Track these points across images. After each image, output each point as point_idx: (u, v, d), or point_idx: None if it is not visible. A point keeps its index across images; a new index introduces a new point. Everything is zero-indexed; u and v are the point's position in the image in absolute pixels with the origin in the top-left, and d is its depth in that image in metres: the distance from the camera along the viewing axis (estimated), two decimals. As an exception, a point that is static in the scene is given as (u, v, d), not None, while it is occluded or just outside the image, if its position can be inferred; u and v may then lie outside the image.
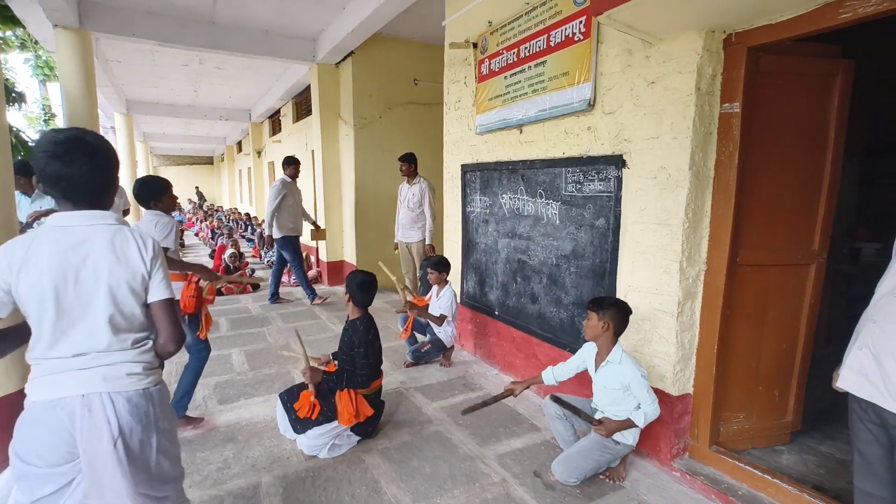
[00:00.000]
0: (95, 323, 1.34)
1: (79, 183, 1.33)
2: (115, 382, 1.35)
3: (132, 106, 11.07)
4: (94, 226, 1.36)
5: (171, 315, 1.46)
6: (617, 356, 2.38)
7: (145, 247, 1.41)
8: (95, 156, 1.35)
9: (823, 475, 2.47)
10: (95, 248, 1.34)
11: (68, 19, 5.16)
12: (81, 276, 1.32)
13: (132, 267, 1.38)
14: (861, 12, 1.80)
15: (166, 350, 1.47)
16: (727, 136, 2.33)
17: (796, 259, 2.55)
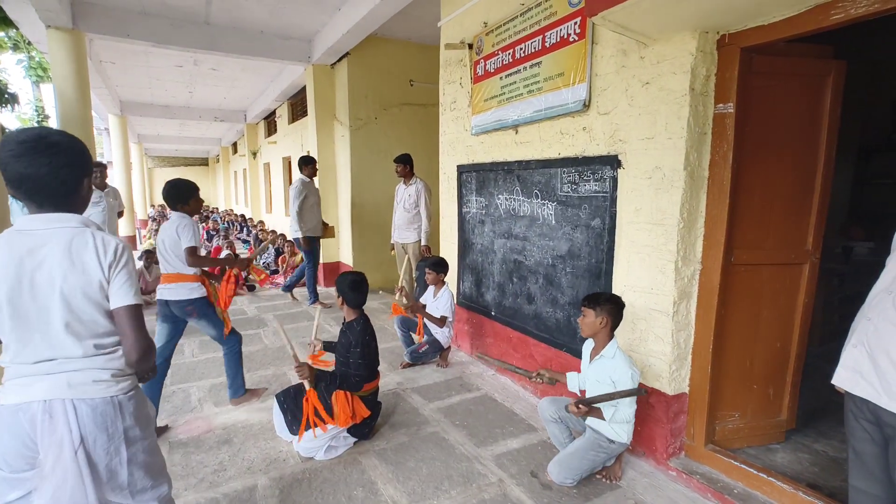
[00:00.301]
0: (54, 330, 1.29)
1: (42, 183, 1.28)
2: (79, 389, 1.30)
3: (126, 107, 11.03)
4: (54, 229, 1.30)
5: (133, 322, 1.35)
6: (611, 351, 2.39)
7: (105, 251, 1.32)
8: (59, 155, 1.29)
9: (818, 473, 2.49)
10: (51, 254, 1.28)
11: (61, 20, 5.14)
12: (36, 283, 1.27)
13: (88, 273, 1.30)
14: (853, 13, 1.81)
15: (129, 359, 1.36)
16: (721, 136, 2.35)
17: (790, 258, 2.56)
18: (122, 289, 1.35)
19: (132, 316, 1.36)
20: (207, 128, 14.67)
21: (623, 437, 2.40)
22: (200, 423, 3.07)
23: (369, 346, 2.78)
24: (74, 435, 1.28)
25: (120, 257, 1.35)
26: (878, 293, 1.62)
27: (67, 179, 1.32)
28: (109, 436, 1.34)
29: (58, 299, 1.28)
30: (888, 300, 1.55)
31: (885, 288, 1.59)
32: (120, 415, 1.36)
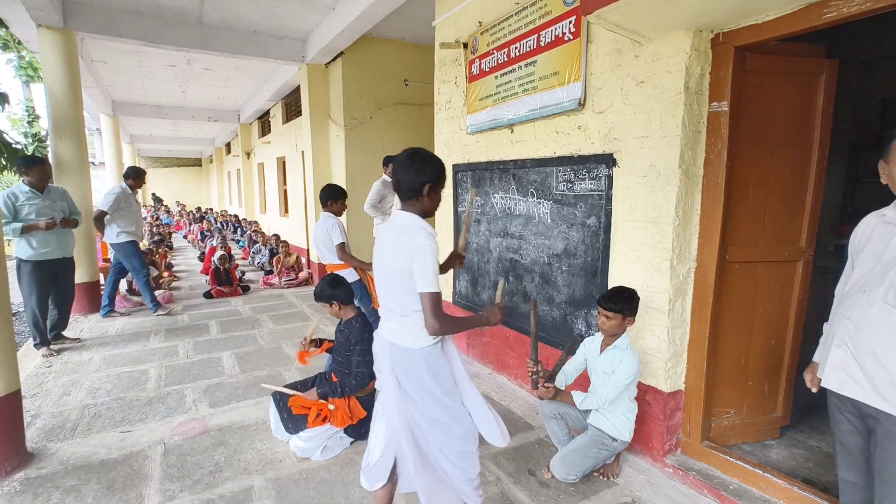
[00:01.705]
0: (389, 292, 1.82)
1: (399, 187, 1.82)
2: (394, 335, 1.83)
3: (118, 107, 10.93)
4: (403, 224, 1.77)
5: (430, 305, 1.73)
6: (625, 343, 2.38)
7: (411, 244, 1.70)
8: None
9: (812, 468, 2.51)
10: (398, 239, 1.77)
11: (52, 19, 5.08)
12: (391, 256, 1.78)
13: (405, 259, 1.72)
14: (845, 12, 1.83)
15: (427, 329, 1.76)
16: (716, 134, 2.36)
17: (784, 256, 2.58)
18: (426, 279, 1.67)
19: (430, 300, 1.67)
20: (201, 128, 14.57)
21: (625, 435, 2.41)
22: (195, 424, 3.05)
23: (370, 343, 2.74)
24: (391, 363, 1.80)
25: (418, 251, 1.66)
26: (852, 292, 1.63)
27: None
28: (407, 372, 1.78)
29: (385, 270, 1.78)
30: (864, 299, 1.56)
31: (859, 287, 1.60)
32: (415, 362, 1.77)
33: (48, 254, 4.15)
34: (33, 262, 4.08)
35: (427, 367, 1.77)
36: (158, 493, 2.37)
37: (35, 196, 4.08)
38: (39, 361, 4.18)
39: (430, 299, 1.66)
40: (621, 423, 2.40)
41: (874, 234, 1.63)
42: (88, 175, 5.64)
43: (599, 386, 2.38)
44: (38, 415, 3.19)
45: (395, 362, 1.79)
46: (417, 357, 1.76)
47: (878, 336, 1.50)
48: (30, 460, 2.63)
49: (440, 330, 1.69)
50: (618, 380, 2.31)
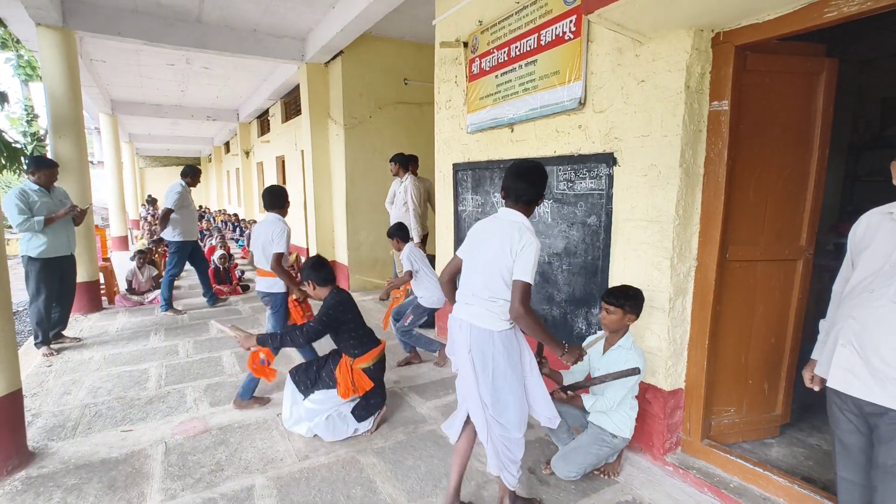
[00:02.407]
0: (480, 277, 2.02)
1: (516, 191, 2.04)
2: (478, 318, 2.01)
3: (117, 106, 10.91)
4: (508, 220, 2.01)
5: (518, 293, 1.93)
6: (629, 342, 2.39)
7: (520, 240, 1.92)
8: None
9: (812, 466, 2.51)
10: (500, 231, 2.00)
11: (51, 18, 5.07)
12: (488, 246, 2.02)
13: (505, 251, 1.95)
14: (846, 11, 1.83)
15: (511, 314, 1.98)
16: (716, 133, 2.36)
17: (784, 254, 2.59)
18: (524, 269, 1.89)
19: (522, 287, 1.88)
20: (200, 127, 14.55)
21: (626, 432, 2.41)
22: (196, 423, 3.06)
23: (335, 310, 2.79)
24: (469, 344, 1.99)
25: (526, 245, 1.90)
26: (855, 291, 1.62)
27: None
28: (483, 352, 1.97)
29: (484, 262, 1.98)
30: (869, 298, 1.55)
31: (864, 286, 1.59)
32: (491, 342, 1.96)
33: (59, 250, 4.22)
34: (43, 260, 4.11)
35: (503, 348, 1.97)
36: (160, 491, 2.37)
37: (44, 195, 4.17)
38: (40, 361, 4.18)
39: (523, 287, 1.88)
40: (622, 420, 2.41)
41: (879, 231, 1.60)
42: (88, 174, 5.63)
43: (605, 387, 2.39)
44: (39, 414, 3.19)
45: (473, 343, 1.98)
46: (496, 338, 1.97)
47: (886, 335, 1.49)
48: (31, 459, 2.63)
49: (523, 316, 1.89)
50: (624, 380, 2.31)
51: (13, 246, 12.87)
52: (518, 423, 2.03)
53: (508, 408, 2.01)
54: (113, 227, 11.91)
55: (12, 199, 3.97)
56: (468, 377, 2.01)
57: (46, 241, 4.09)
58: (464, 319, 2.02)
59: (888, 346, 1.48)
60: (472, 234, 2.11)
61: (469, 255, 2.08)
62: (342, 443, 2.82)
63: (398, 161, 5.22)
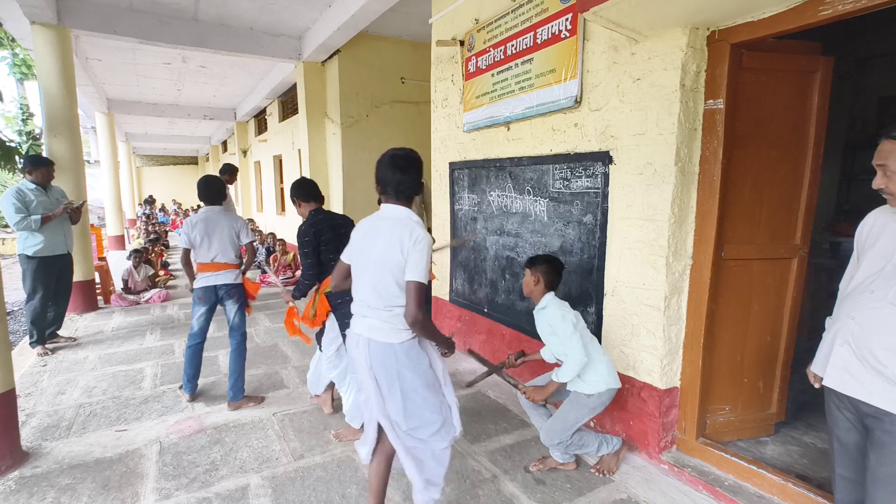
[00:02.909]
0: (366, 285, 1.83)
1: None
2: (374, 332, 1.82)
3: (113, 105, 10.87)
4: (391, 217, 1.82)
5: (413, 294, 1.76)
6: (545, 302, 2.39)
7: (410, 238, 1.74)
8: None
9: (807, 465, 2.52)
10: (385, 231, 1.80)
11: (46, 16, 5.05)
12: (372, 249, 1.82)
13: (394, 250, 1.75)
14: (841, 9, 1.83)
15: (407, 320, 1.78)
16: (711, 132, 2.36)
17: (779, 253, 2.59)
18: (417, 269, 1.72)
19: (417, 288, 1.73)
20: (196, 126, 14.51)
21: (600, 387, 2.32)
22: (191, 423, 3.05)
23: (303, 241, 2.83)
24: (369, 361, 1.80)
25: (417, 242, 1.73)
26: (856, 291, 1.61)
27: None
28: (386, 369, 1.78)
29: (371, 267, 1.78)
30: (868, 298, 1.54)
31: (864, 286, 1.58)
32: (394, 357, 1.78)
33: (56, 248, 4.22)
34: (39, 259, 4.11)
35: (408, 361, 1.79)
36: (154, 491, 2.36)
37: (41, 193, 4.17)
38: (34, 360, 4.16)
39: (417, 288, 1.72)
40: (591, 376, 2.34)
41: (885, 231, 1.58)
42: (83, 173, 5.61)
43: (555, 349, 2.41)
44: (34, 414, 3.17)
45: (374, 360, 1.79)
46: (398, 351, 1.78)
47: (884, 337, 1.48)
48: (25, 459, 2.62)
49: (420, 321, 1.73)
50: (562, 335, 2.28)
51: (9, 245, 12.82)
52: (442, 435, 1.87)
53: (427, 423, 1.84)
54: (109, 227, 11.87)
55: (9, 198, 3.96)
56: (373, 396, 1.84)
57: (43, 240, 4.09)
58: (361, 335, 1.82)
59: (884, 347, 1.48)
60: (356, 235, 1.90)
61: (355, 260, 1.87)
62: (337, 442, 2.81)
63: None
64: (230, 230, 3.26)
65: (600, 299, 2.82)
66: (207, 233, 3.19)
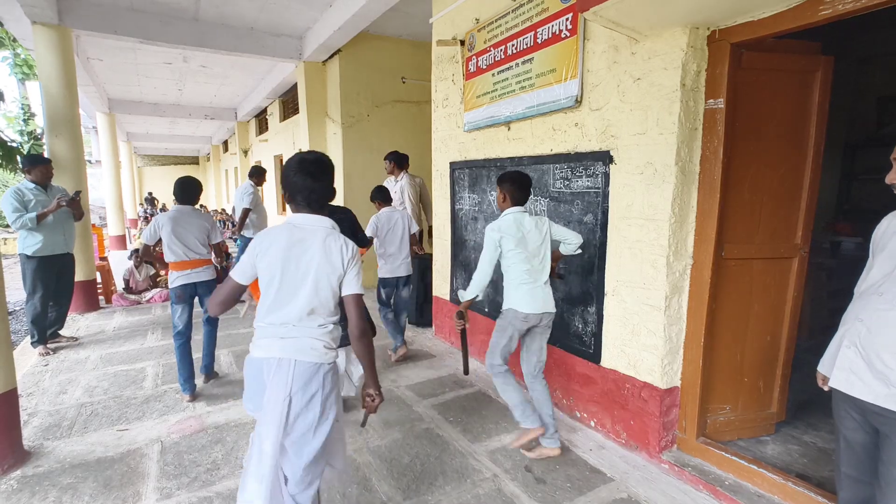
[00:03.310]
0: (300, 303, 1.66)
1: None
2: (301, 352, 1.65)
3: (114, 105, 10.88)
4: (316, 227, 1.69)
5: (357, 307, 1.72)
6: (502, 216, 2.59)
7: (346, 250, 1.68)
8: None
9: (807, 464, 2.52)
10: (314, 244, 1.66)
11: (47, 16, 5.06)
12: (301, 264, 1.64)
13: (333, 264, 1.66)
14: (840, 9, 1.83)
15: (353, 335, 1.73)
16: (712, 131, 2.36)
17: (780, 253, 2.59)
18: (354, 281, 1.69)
19: (360, 302, 1.71)
20: (198, 126, 14.52)
21: (510, 303, 2.56)
22: (193, 422, 3.05)
23: None
24: (290, 386, 1.60)
25: (354, 255, 1.70)
26: (867, 293, 1.61)
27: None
28: (307, 393, 1.62)
29: (311, 279, 1.64)
30: (878, 300, 1.54)
31: (874, 288, 1.58)
32: (320, 379, 1.64)
33: (55, 248, 4.21)
34: (38, 259, 4.11)
35: (332, 383, 1.69)
36: (155, 490, 2.37)
37: (41, 193, 4.16)
38: (36, 360, 4.17)
39: (360, 301, 1.70)
40: (507, 293, 2.58)
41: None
42: (85, 173, 5.62)
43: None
44: (35, 413, 3.18)
45: (296, 382, 1.61)
46: (324, 372, 1.65)
47: (891, 340, 1.48)
48: (27, 458, 2.63)
49: (365, 333, 1.70)
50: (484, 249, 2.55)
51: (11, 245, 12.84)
52: (335, 454, 1.78)
53: (339, 449, 1.79)
54: (110, 226, 11.89)
55: (8, 198, 3.97)
56: (275, 428, 1.58)
57: (42, 240, 4.09)
58: (283, 357, 1.60)
59: (891, 350, 1.48)
60: (275, 250, 1.64)
61: (279, 279, 1.63)
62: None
63: (393, 159, 5.22)
64: (200, 230, 3.42)
65: (601, 299, 2.83)
66: (175, 231, 3.30)
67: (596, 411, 2.93)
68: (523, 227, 2.52)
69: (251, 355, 1.67)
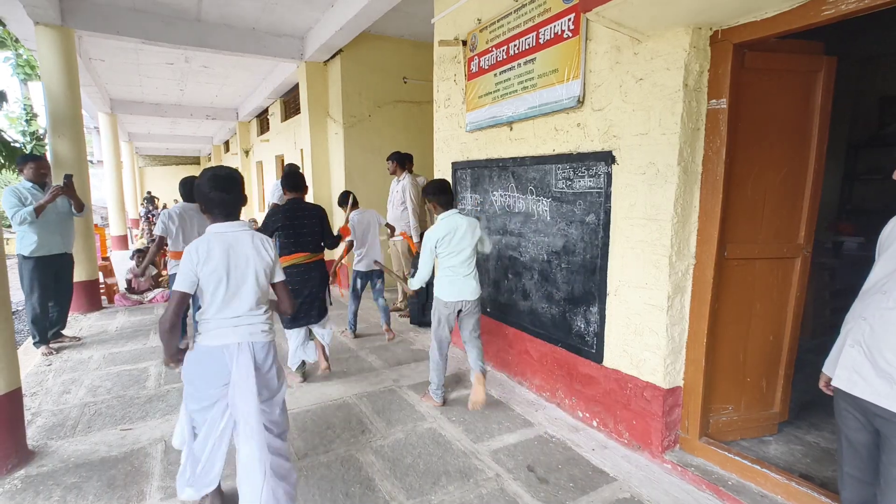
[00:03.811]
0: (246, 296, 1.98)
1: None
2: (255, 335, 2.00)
3: (116, 105, 10.90)
4: (239, 231, 1.98)
5: (287, 291, 2.20)
6: (438, 221, 3.02)
7: (269, 245, 2.05)
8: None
9: (810, 464, 2.52)
10: (245, 245, 1.97)
11: (50, 16, 5.07)
12: (239, 265, 1.94)
13: (265, 258, 2.00)
14: (843, 9, 1.83)
15: (287, 312, 2.25)
16: (714, 131, 2.36)
17: (782, 252, 2.59)
18: (279, 270, 2.10)
19: (285, 286, 2.16)
20: (199, 126, 14.53)
21: (437, 292, 3.09)
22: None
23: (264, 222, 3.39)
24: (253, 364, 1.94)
25: (275, 254, 2.06)
26: (870, 292, 1.62)
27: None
28: (268, 365, 2.01)
29: (252, 275, 1.96)
30: (882, 300, 1.54)
31: (878, 287, 1.58)
32: (270, 350, 2.03)
33: (52, 248, 4.19)
34: (35, 259, 4.10)
35: (276, 352, 2.09)
36: (159, 490, 2.38)
37: (39, 192, 4.15)
38: (39, 360, 4.19)
39: (286, 285, 2.15)
40: (436, 283, 3.10)
41: None
42: (87, 173, 5.63)
43: None
44: (39, 413, 3.19)
45: (259, 357, 1.96)
46: (272, 346, 2.06)
47: (894, 338, 1.49)
48: (31, 458, 2.64)
49: (294, 308, 2.24)
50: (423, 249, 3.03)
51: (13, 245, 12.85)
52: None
53: (284, 400, 2.16)
54: (112, 227, 11.91)
55: (7, 196, 3.97)
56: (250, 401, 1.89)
57: (37, 240, 4.07)
58: (242, 341, 1.92)
59: (894, 349, 1.48)
60: (215, 256, 1.88)
61: (225, 281, 1.90)
62: (341, 441, 2.82)
63: (395, 160, 5.23)
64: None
65: (603, 299, 2.83)
66: (181, 225, 3.79)
67: (598, 411, 2.93)
68: (456, 228, 2.98)
69: (206, 345, 1.91)
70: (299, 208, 3.37)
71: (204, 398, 1.94)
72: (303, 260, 3.36)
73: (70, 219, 4.38)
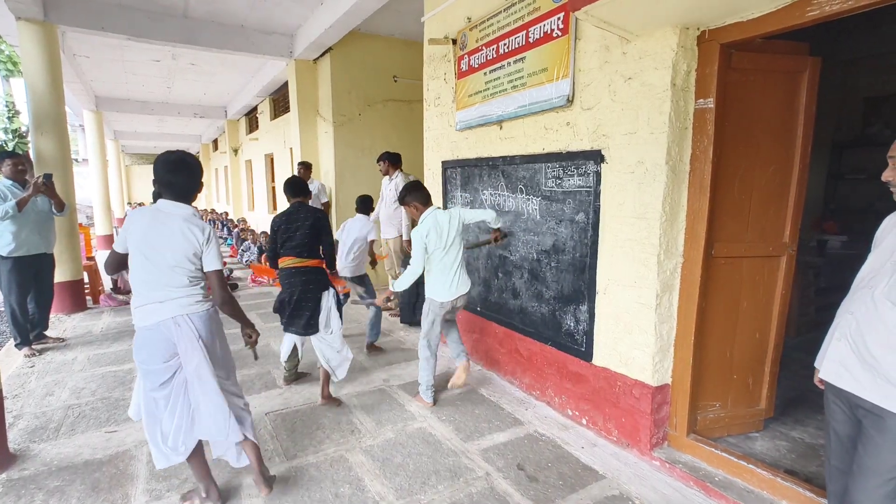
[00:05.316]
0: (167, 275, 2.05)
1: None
2: (189, 308, 2.07)
3: (102, 102, 10.73)
4: (173, 213, 2.04)
5: (218, 280, 2.15)
6: (422, 219, 3.05)
7: (202, 232, 2.06)
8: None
9: (795, 459, 2.55)
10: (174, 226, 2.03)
11: (32, 11, 4.98)
12: (161, 244, 2.01)
13: (192, 243, 2.02)
14: (828, 10, 1.85)
15: (215, 299, 2.18)
16: (702, 130, 2.38)
17: (768, 251, 2.62)
18: (213, 259, 2.09)
19: (220, 276, 2.13)
20: (187, 124, 14.37)
21: (429, 292, 3.14)
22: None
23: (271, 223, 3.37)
24: (196, 333, 2.03)
25: (211, 238, 2.07)
26: (858, 287, 1.65)
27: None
28: (210, 332, 2.10)
29: (170, 255, 1.99)
30: (868, 295, 1.57)
31: (865, 283, 1.62)
32: (209, 320, 2.10)
33: (31, 248, 4.11)
34: (13, 259, 4.02)
35: (219, 321, 2.18)
36: (145, 492, 2.34)
37: (19, 190, 4.08)
38: (21, 362, 4.11)
39: (220, 275, 2.11)
40: (428, 284, 3.14)
41: (893, 231, 1.63)
42: (71, 172, 5.54)
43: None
44: (21, 415, 3.13)
45: (200, 329, 2.05)
46: (212, 315, 2.13)
47: (880, 333, 1.51)
48: (12, 462, 2.59)
49: (229, 301, 2.15)
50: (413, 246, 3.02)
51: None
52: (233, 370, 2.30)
53: (233, 366, 2.28)
54: (98, 226, 11.73)
55: None
56: (203, 364, 2.04)
57: (17, 240, 3.99)
58: (177, 314, 2.01)
59: (880, 344, 1.51)
60: (135, 228, 2.01)
61: (143, 255, 2.00)
62: (331, 441, 2.80)
63: (387, 159, 5.21)
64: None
65: (592, 297, 2.84)
66: None
67: (588, 409, 2.95)
68: (439, 224, 3.01)
69: (143, 325, 2.01)
70: (295, 213, 3.31)
71: (159, 374, 2.03)
72: (289, 264, 3.27)
73: (50, 219, 4.30)
